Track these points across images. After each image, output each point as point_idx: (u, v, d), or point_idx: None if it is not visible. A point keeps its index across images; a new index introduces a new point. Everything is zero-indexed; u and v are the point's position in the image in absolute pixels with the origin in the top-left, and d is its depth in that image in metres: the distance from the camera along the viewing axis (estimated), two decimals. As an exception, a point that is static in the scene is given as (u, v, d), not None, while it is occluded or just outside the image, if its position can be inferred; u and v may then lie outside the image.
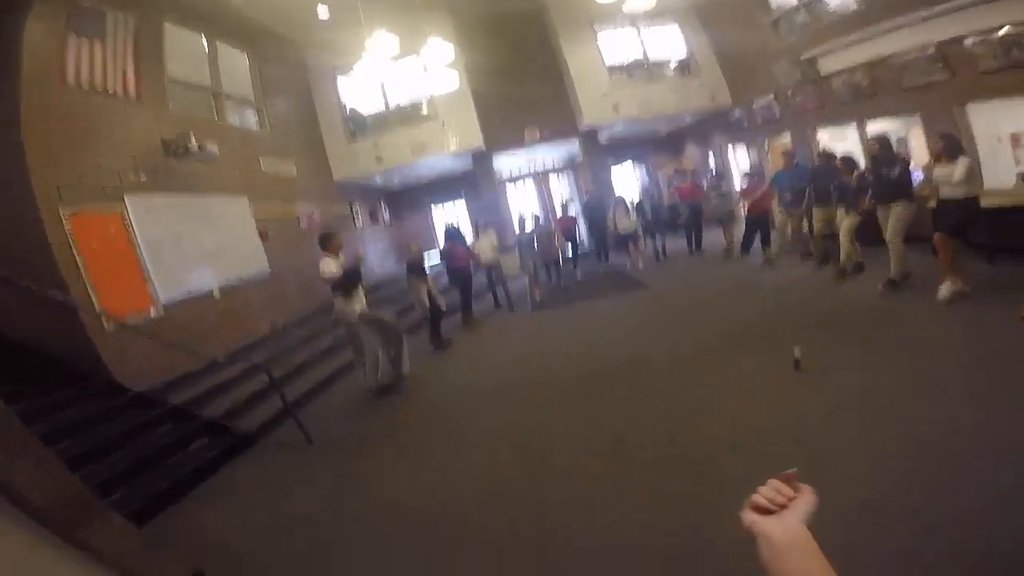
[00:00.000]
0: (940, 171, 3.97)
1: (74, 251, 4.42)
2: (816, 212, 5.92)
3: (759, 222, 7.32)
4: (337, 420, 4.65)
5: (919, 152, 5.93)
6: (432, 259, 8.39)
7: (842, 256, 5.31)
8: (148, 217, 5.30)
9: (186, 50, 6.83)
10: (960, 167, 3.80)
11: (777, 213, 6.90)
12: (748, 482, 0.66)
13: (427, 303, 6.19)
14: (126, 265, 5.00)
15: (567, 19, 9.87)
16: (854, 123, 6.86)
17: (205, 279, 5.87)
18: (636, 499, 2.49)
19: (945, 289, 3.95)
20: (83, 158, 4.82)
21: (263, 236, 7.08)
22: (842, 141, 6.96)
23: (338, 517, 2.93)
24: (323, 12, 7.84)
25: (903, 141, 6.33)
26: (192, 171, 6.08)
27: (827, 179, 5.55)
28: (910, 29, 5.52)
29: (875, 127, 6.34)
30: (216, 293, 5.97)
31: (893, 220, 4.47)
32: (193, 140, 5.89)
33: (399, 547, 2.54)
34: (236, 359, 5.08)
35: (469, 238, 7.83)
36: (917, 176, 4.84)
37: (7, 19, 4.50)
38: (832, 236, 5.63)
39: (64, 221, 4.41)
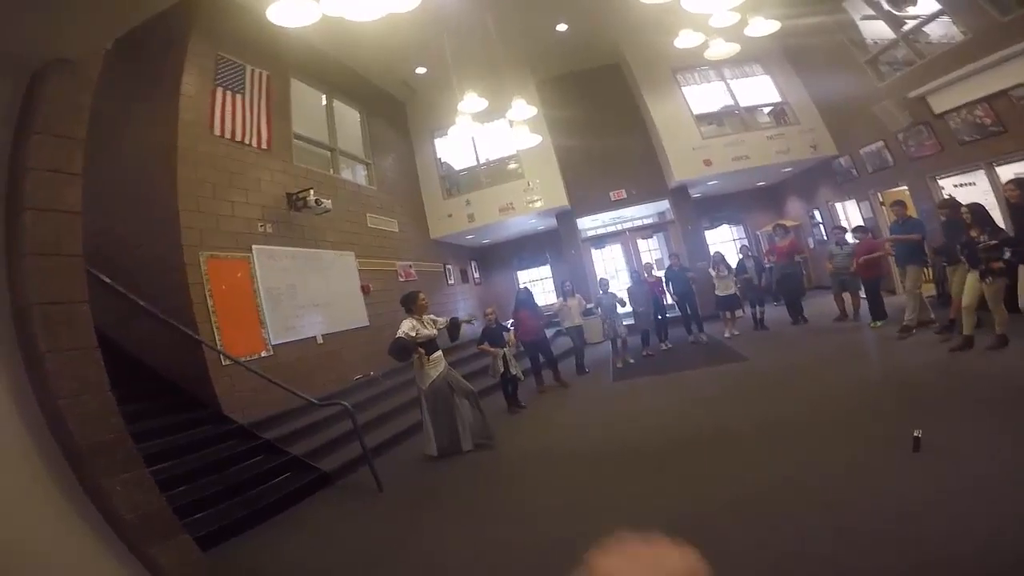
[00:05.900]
0: None
1: (206, 291, 4.97)
2: (952, 275, 5.06)
3: (869, 286, 6.41)
4: (408, 471, 4.67)
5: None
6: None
7: (997, 324, 4.46)
8: (270, 266, 5.81)
9: (308, 106, 7.40)
10: None
11: (898, 275, 5.95)
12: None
13: (500, 370, 6.10)
14: (247, 309, 5.46)
15: (647, 70, 9.58)
16: (981, 168, 5.94)
17: (311, 326, 6.26)
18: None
19: None
20: (222, 206, 5.37)
21: (365, 290, 7.45)
22: (970, 188, 6.01)
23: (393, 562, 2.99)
24: (420, 70, 8.99)
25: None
26: (309, 224, 6.55)
27: (957, 234, 4.79)
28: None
29: (1008, 170, 5.46)
30: (320, 339, 6.34)
31: None
32: (312, 194, 6.19)
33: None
34: (328, 402, 5.16)
35: (552, 298, 7.69)
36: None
37: (168, 69, 5.13)
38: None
39: (202, 263, 4.98)
